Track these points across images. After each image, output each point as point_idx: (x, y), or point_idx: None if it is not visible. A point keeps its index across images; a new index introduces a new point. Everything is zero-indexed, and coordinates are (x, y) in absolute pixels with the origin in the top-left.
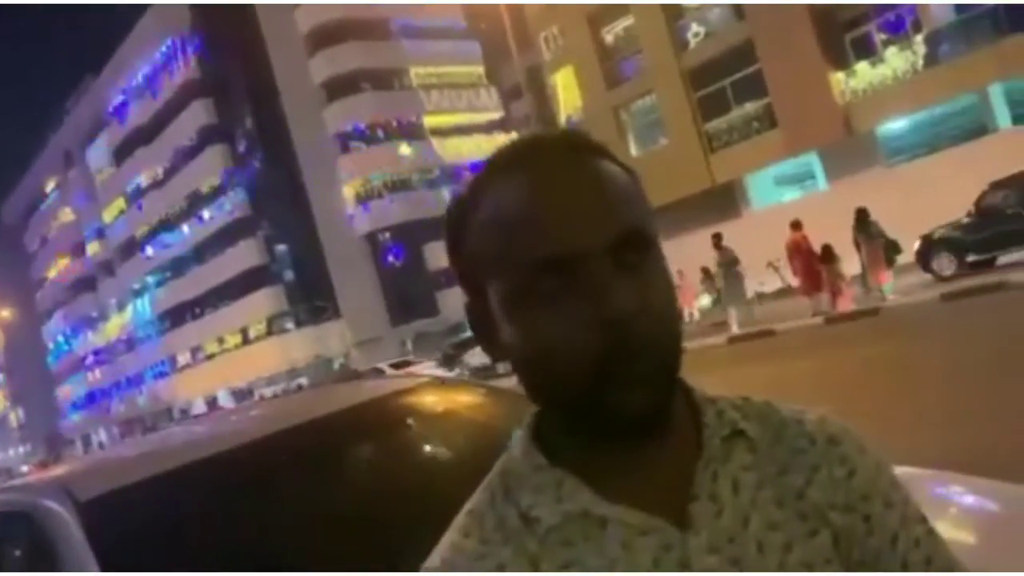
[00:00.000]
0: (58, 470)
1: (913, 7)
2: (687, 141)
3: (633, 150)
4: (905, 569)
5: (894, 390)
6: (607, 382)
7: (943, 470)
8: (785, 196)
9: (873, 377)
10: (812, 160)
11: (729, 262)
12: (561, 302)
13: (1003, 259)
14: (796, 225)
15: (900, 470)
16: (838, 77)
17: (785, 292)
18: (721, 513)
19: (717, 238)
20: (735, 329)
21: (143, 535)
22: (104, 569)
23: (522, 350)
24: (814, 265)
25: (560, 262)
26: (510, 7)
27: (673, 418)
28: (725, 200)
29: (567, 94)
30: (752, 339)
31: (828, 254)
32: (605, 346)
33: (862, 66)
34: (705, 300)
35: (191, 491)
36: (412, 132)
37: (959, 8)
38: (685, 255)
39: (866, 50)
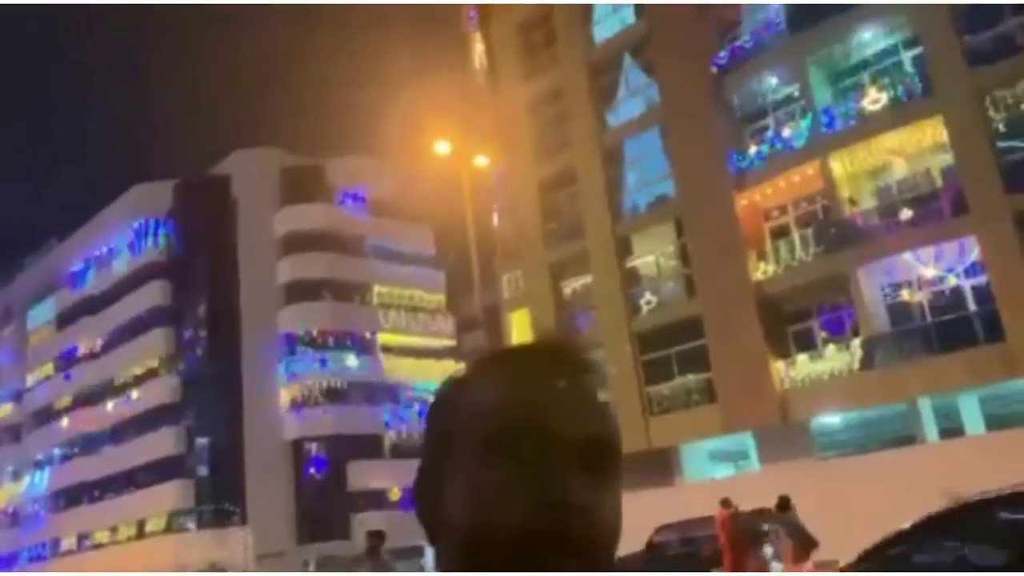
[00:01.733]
0: None
1: (853, 311)
2: (629, 400)
3: None
4: None
5: None
6: (524, 556)
7: None
8: (718, 471)
9: None
10: (747, 440)
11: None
12: (520, 473)
13: None
14: (726, 503)
15: None
16: (778, 365)
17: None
18: None
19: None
20: None
21: None
22: None
23: (467, 497)
24: (741, 544)
25: (537, 433)
26: (480, 245)
27: None
28: (660, 466)
29: (520, 334)
30: None
31: (784, 505)
32: (543, 527)
33: (802, 358)
34: None
35: None
36: (362, 346)
37: (894, 321)
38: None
39: (807, 344)
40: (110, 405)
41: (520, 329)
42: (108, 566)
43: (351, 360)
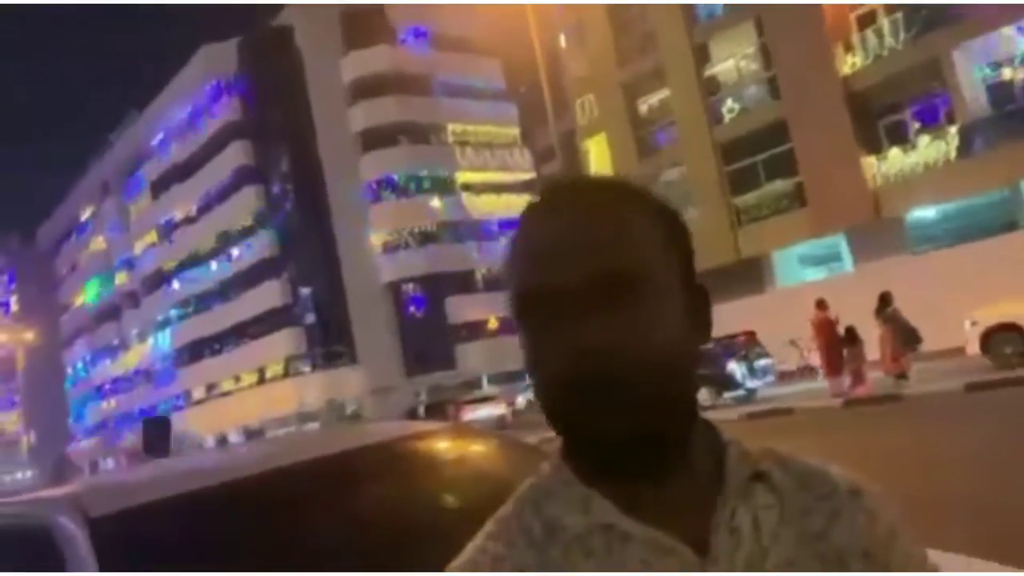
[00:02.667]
0: (71, 487)
1: (948, 98)
2: (715, 214)
3: None
4: None
5: (915, 477)
6: (577, 412)
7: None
8: (810, 275)
9: (893, 462)
10: (839, 242)
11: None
12: (547, 329)
13: None
14: (821, 304)
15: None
16: (870, 161)
17: (806, 371)
18: (740, 546)
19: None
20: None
21: (149, 555)
22: None
23: (529, 372)
24: (837, 346)
25: (548, 291)
26: (549, 73)
27: (687, 454)
28: (750, 275)
29: (599, 161)
30: (769, 416)
31: (851, 336)
32: (578, 376)
33: (894, 152)
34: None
35: (198, 516)
36: (444, 187)
37: (994, 102)
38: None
39: (899, 136)
40: (214, 265)
41: (598, 155)
42: (237, 410)
43: (435, 202)
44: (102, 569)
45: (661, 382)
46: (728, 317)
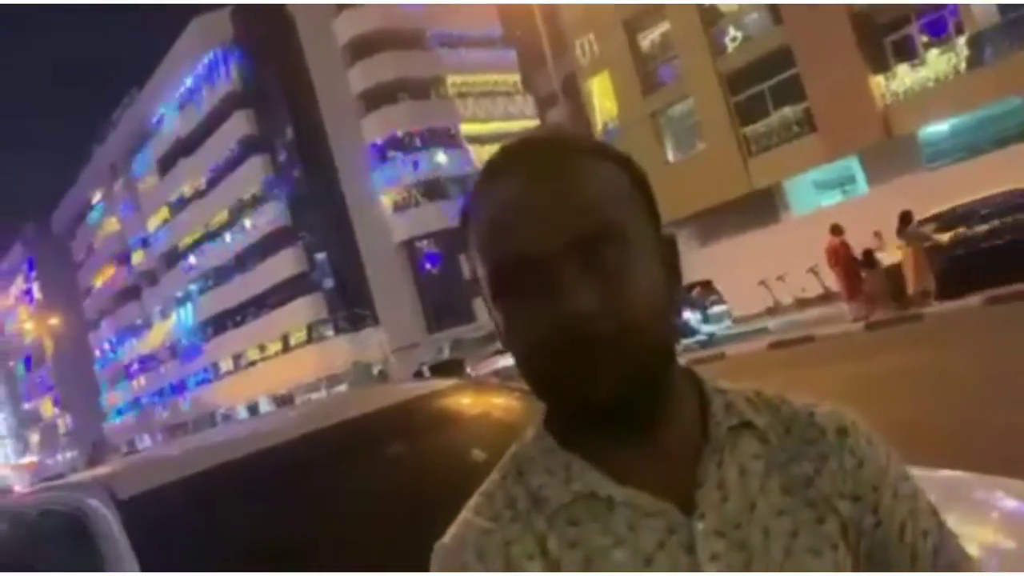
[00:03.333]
0: (100, 469)
1: (956, 8)
2: (725, 146)
3: (671, 155)
4: (914, 559)
5: (936, 396)
6: (569, 377)
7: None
8: (825, 200)
9: (914, 382)
10: (852, 164)
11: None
12: (528, 300)
13: None
14: (836, 230)
15: (942, 473)
16: (878, 80)
17: (826, 297)
18: (727, 499)
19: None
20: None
21: (180, 532)
22: (142, 564)
23: (506, 344)
24: (855, 270)
25: (524, 262)
26: (545, 15)
27: (670, 408)
28: (764, 205)
29: (603, 101)
30: (792, 345)
31: (869, 260)
32: (564, 343)
33: (902, 68)
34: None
35: (226, 489)
36: (448, 140)
37: (1003, 10)
38: (724, 260)
39: (907, 52)
40: (228, 237)
41: (602, 96)
42: (265, 379)
43: (440, 157)
44: (135, 548)
45: (646, 337)
46: (744, 249)
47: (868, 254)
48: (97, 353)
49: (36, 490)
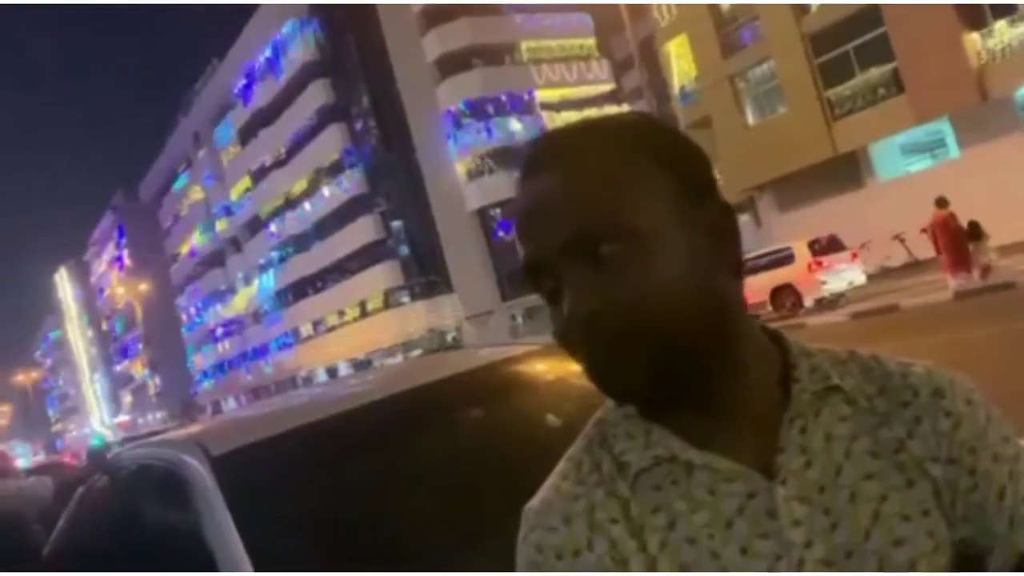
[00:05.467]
0: (193, 428)
1: None
2: (808, 109)
3: (750, 119)
4: (1012, 524)
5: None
6: (596, 373)
7: None
8: (913, 165)
9: (1009, 353)
10: (943, 127)
11: None
12: (549, 300)
13: None
14: (942, 202)
15: None
16: (972, 38)
17: (912, 267)
18: (810, 464)
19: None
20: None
21: (270, 487)
22: (234, 516)
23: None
24: (963, 243)
25: (535, 267)
26: None
27: (740, 376)
28: (847, 171)
29: (681, 64)
30: (877, 315)
31: (975, 231)
32: (578, 343)
33: (1000, 25)
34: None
35: (312, 447)
36: (523, 107)
37: None
38: (805, 227)
39: (1005, 7)
40: (307, 205)
41: (680, 59)
42: (344, 344)
43: (515, 124)
44: (227, 501)
45: (669, 323)
46: (826, 215)
47: (974, 226)
48: (184, 318)
49: (134, 446)
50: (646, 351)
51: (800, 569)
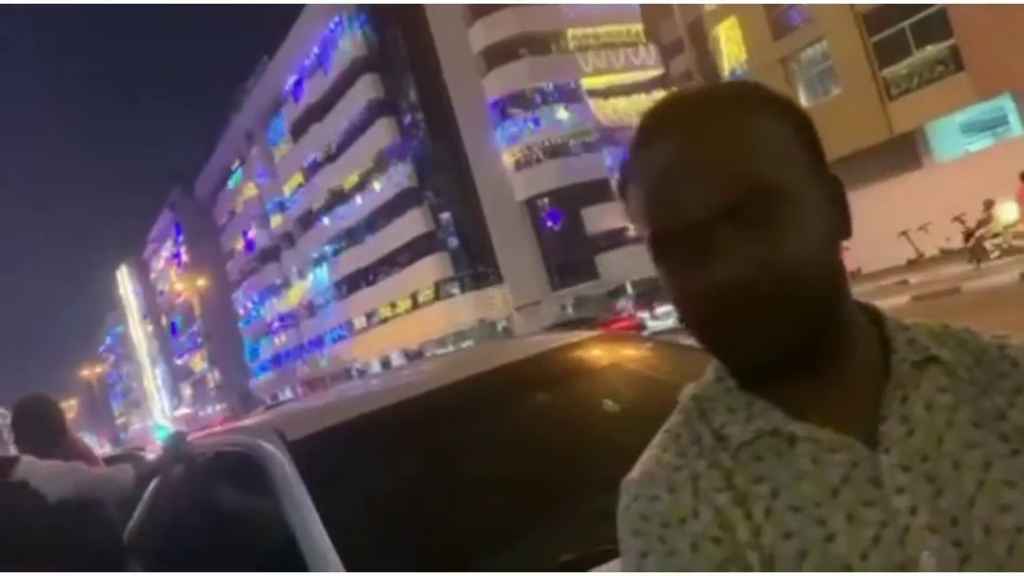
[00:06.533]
0: (269, 415)
1: None
2: (862, 90)
3: (803, 101)
4: None
5: None
6: (728, 341)
7: None
8: (974, 144)
9: None
10: (1005, 104)
11: None
12: (686, 267)
13: None
14: None
15: None
16: None
17: (977, 250)
18: (913, 433)
19: None
20: None
21: (345, 469)
22: (312, 498)
23: (672, 303)
24: None
25: (678, 231)
26: None
27: (846, 347)
28: (905, 151)
29: (731, 47)
30: (937, 297)
31: None
32: (721, 310)
33: None
34: None
35: (385, 431)
36: (570, 95)
37: None
38: (862, 210)
39: None
40: (359, 199)
41: (730, 42)
42: (397, 335)
43: (562, 112)
44: (305, 484)
45: (808, 290)
46: (883, 198)
47: None
48: (241, 312)
49: (210, 433)
50: (787, 316)
51: (905, 535)
